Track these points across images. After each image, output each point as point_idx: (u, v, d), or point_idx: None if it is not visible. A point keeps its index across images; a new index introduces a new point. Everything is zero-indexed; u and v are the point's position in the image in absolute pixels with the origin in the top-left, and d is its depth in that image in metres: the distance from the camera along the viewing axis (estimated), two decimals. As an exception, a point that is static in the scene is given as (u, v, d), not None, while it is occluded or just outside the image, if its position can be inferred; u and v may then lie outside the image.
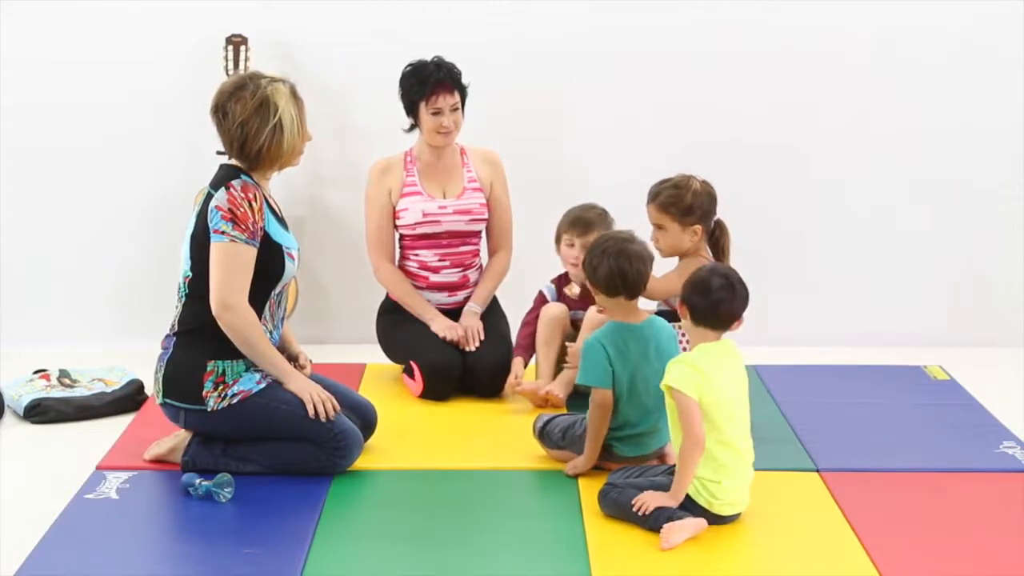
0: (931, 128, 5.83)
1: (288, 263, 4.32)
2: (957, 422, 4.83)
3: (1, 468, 4.51)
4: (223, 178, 4.28)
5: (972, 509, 4.12)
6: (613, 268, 4.23)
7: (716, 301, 3.98)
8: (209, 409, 4.24)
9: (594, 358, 4.25)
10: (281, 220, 4.39)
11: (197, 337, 4.27)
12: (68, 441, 4.76)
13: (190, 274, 4.30)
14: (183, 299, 4.32)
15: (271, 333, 4.34)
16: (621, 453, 4.30)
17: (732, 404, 3.96)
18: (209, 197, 4.26)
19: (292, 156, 4.33)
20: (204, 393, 4.24)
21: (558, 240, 5.08)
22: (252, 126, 4.23)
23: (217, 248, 4.21)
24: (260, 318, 4.28)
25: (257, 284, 4.25)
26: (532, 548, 3.86)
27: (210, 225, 4.22)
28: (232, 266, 4.21)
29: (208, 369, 4.25)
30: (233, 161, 4.34)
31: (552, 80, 5.79)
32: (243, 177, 4.27)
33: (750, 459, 4.01)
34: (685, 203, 4.57)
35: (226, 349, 4.25)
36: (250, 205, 4.22)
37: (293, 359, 4.47)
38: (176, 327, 4.33)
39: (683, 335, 4.48)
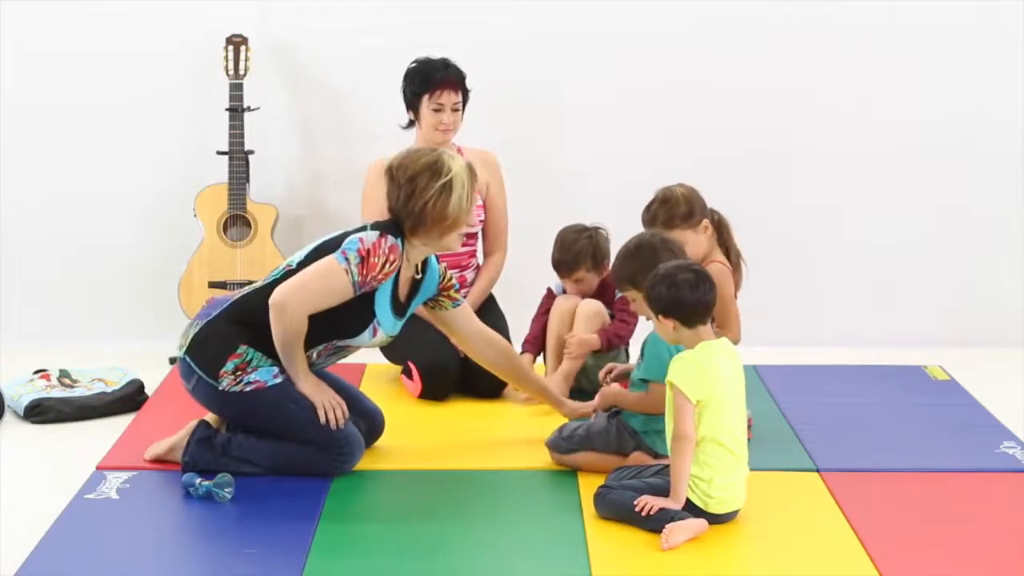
0: (931, 129, 5.82)
1: (365, 333, 4.29)
2: (957, 422, 4.82)
3: (1, 468, 4.51)
4: (385, 228, 4.26)
5: (972, 509, 4.12)
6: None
7: (700, 298, 3.92)
8: (220, 388, 4.24)
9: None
10: (399, 307, 4.34)
11: (247, 318, 4.26)
12: (68, 441, 4.76)
13: (294, 266, 4.28)
14: (268, 280, 4.30)
15: (311, 364, 4.31)
16: (652, 445, 4.24)
17: (729, 403, 3.95)
18: (362, 228, 4.27)
19: (454, 227, 4.27)
20: (221, 372, 4.24)
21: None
22: (421, 181, 4.23)
23: (325, 261, 4.21)
24: (309, 349, 4.26)
25: (327, 323, 4.23)
26: (532, 548, 3.85)
27: (343, 244, 4.22)
28: (320, 281, 4.19)
29: (237, 351, 4.24)
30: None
31: (551, 80, 5.79)
32: (398, 239, 4.25)
33: (743, 456, 4.00)
34: (682, 209, 4.57)
35: (264, 340, 4.23)
36: (384, 263, 4.20)
37: None
38: (237, 297, 4.34)
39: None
